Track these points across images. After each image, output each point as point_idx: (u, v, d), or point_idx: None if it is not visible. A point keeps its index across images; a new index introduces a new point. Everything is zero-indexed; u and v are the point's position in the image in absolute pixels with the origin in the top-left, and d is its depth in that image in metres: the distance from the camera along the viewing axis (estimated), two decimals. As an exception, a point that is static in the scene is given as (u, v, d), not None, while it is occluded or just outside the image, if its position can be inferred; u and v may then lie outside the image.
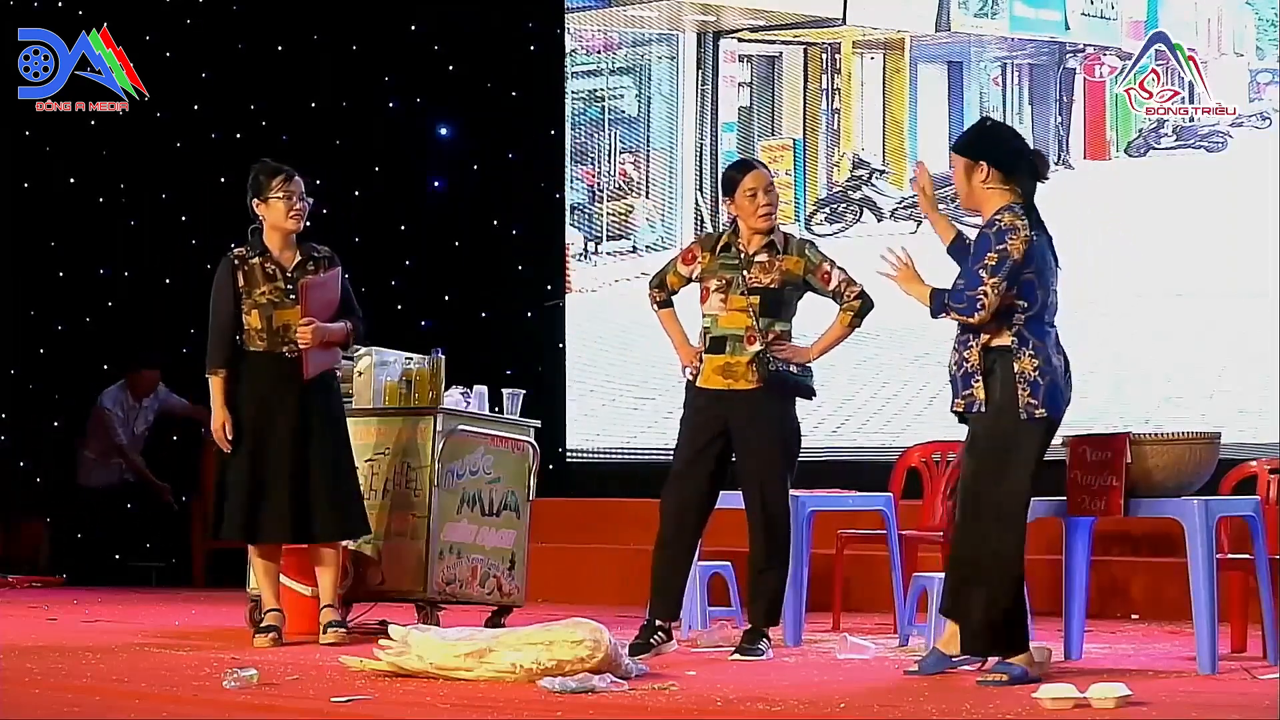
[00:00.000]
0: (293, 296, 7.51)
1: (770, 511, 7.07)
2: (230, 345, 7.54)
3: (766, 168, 7.32)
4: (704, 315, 7.20)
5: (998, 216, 6.22)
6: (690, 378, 7.21)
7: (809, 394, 7.19)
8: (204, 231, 12.33)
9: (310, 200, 7.65)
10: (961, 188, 6.33)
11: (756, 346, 7.05)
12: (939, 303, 6.25)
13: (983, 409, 6.18)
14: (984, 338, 6.20)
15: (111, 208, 12.55)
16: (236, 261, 7.58)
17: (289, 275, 7.55)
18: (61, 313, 12.58)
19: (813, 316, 7.32)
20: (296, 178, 7.60)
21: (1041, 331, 6.21)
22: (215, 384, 7.56)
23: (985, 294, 6.11)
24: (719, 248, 7.20)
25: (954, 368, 6.31)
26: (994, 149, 6.34)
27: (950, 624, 6.39)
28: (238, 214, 12.27)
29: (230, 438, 7.51)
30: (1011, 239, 6.14)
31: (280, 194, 7.55)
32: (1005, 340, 6.19)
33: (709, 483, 7.16)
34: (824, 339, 7.22)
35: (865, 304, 7.17)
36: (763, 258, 7.12)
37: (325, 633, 7.45)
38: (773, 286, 7.09)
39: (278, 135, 12.02)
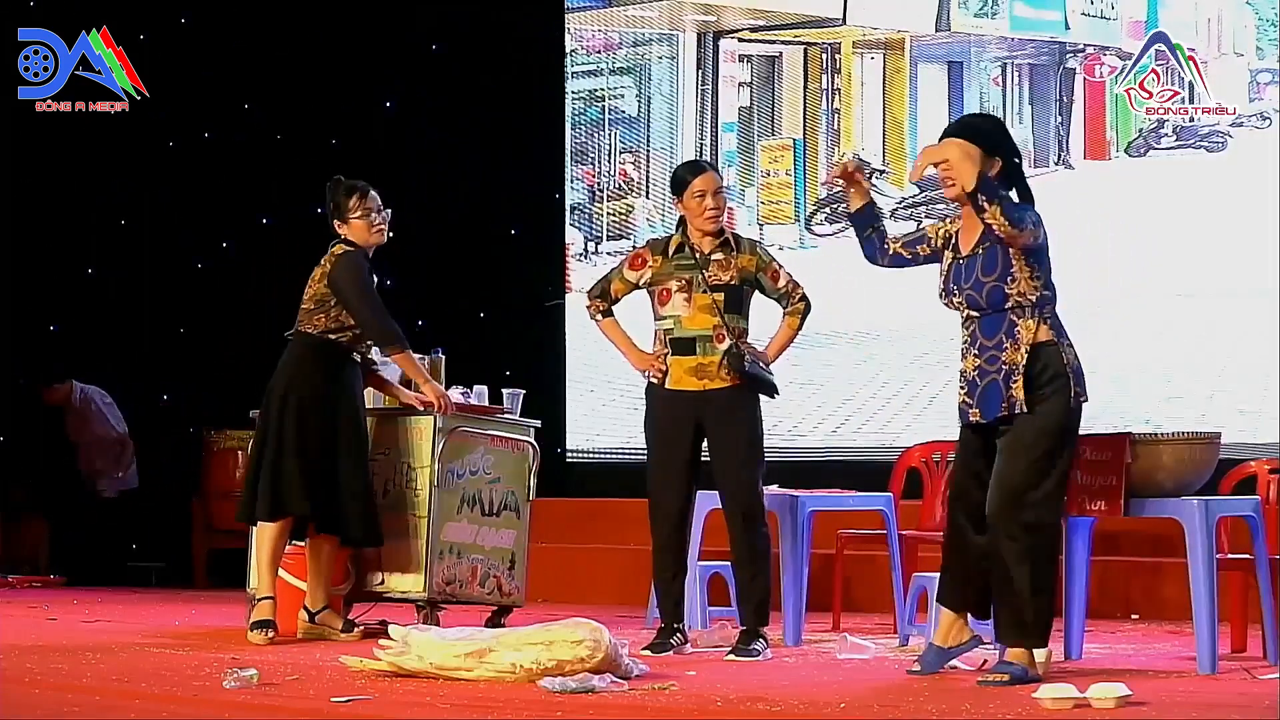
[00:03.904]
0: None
1: (748, 511, 7.09)
2: None
3: (718, 171, 7.31)
4: (663, 318, 7.18)
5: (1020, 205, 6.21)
6: (655, 381, 7.21)
7: (776, 392, 7.19)
8: (196, 232, 12.35)
9: (388, 210, 7.76)
10: (967, 176, 6.13)
11: (726, 344, 7.06)
12: (991, 189, 6.04)
13: (1022, 409, 6.10)
14: (1027, 336, 6.14)
15: (105, 207, 12.55)
16: (368, 255, 7.67)
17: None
18: (57, 313, 12.59)
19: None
20: (371, 192, 7.76)
21: (1059, 320, 6.23)
22: (410, 358, 7.64)
23: (1034, 228, 6.08)
24: (671, 250, 7.21)
25: (978, 374, 6.20)
26: (1008, 148, 6.31)
27: (945, 617, 6.39)
28: (233, 214, 12.30)
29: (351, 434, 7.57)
30: (1041, 226, 6.16)
31: (359, 213, 7.71)
32: (1046, 335, 6.17)
33: (690, 484, 7.19)
34: (776, 341, 7.25)
35: (808, 306, 7.23)
36: (719, 256, 7.13)
37: (351, 630, 7.61)
38: (732, 284, 7.11)
39: (275, 135, 12.02)
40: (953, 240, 6.35)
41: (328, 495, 7.55)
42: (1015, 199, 6.24)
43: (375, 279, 7.73)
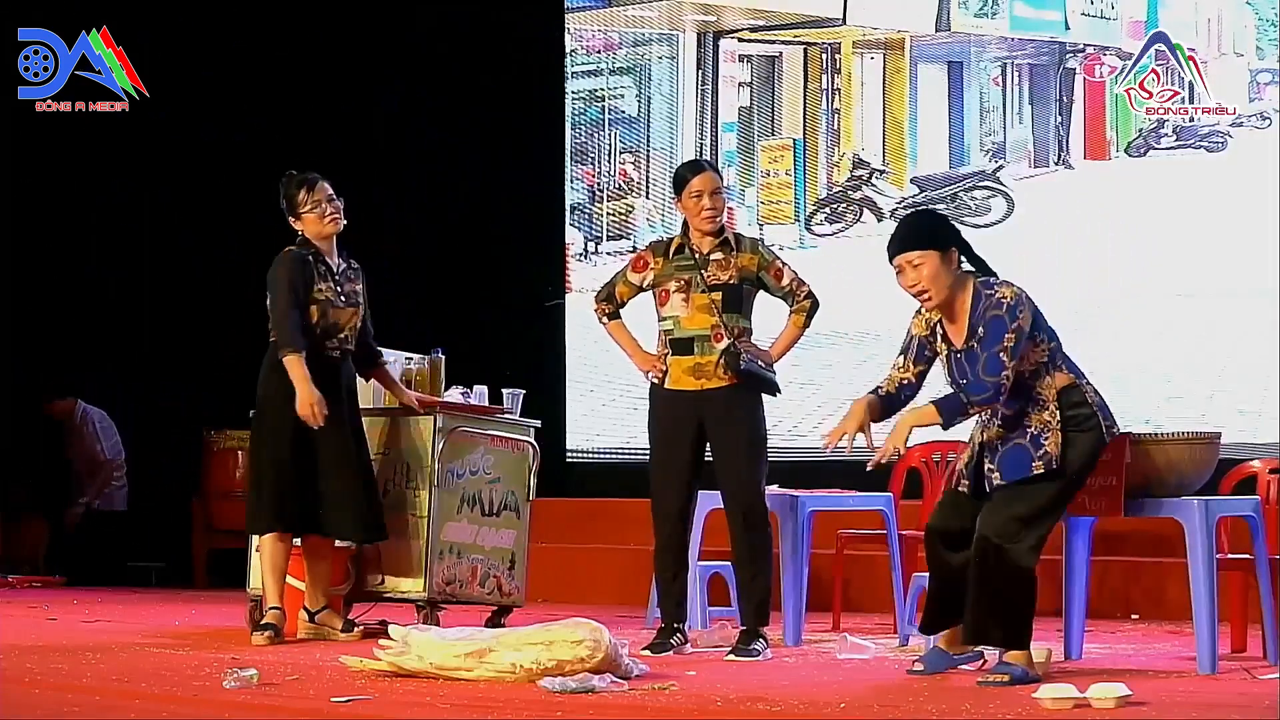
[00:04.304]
0: (343, 299, 7.59)
1: (748, 511, 7.09)
2: (304, 330, 7.53)
3: (717, 171, 7.29)
4: (664, 318, 7.19)
5: (994, 293, 6.13)
6: (656, 381, 7.21)
7: (777, 390, 7.18)
8: (196, 232, 12.34)
9: (340, 199, 7.67)
10: (939, 282, 6.14)
11: (724, 343, 7.05)
12: (954, 407, 6.09)
13: (1056, 463, 6.09)
14: (1050, 393, 6.13)
15: (105, 207, 12.55)
16: (306, 256, 7.59)
17: (337, 278, 7.63)
18: (57, 313, 12.59)
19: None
20: (320, 183, 7.66)
21: (1071, 360, 6.22)
22: (297, 362, 7.46)
23: (1007, 377, 6.05)
24: (672, 251, 7.21)
25: (1000, 441, 6.17)
26: (954, 233, 6.29)
27: (950, 631, 6.38)
28: (230, 214, 12.31)
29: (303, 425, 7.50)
30: (1021, 312, 6.09)
31: (309, 206, 7.64)
32: (1065, 379, 6.15)
33: (690, 483, 7.19)
34: (781, 340, 7.24)
35: (814, 304, 7.21)
36: (717, 256, 7.13)
37: (351, 630, 7.58)
38: (731, 283, 7.10)
39: (275, 135, 12.02)
40: (939, 330, 6.30)
41: (310, 499, 7.53)
42: (972, 268, 6.24)
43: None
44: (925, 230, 6.27)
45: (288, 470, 7.51)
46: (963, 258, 6.23)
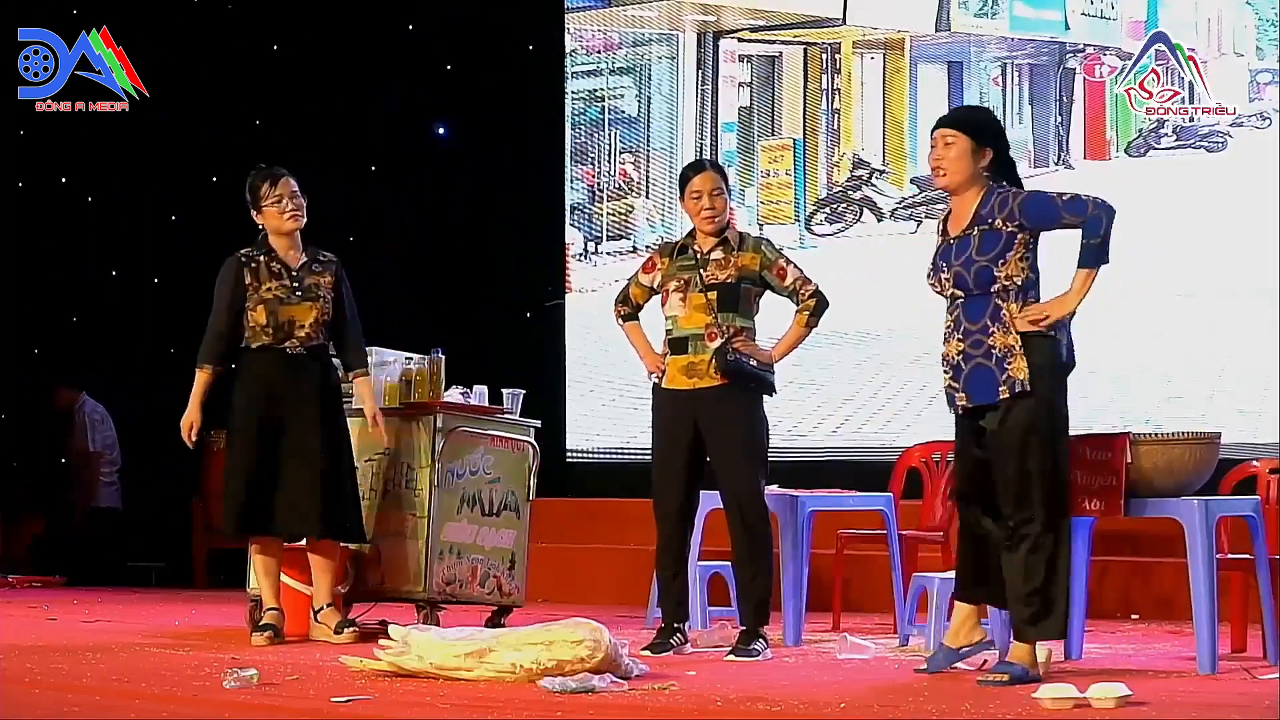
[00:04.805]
0: (299, 294, 7.55)
1: (746, 510, 7.08)
2: (223, 344, 7.56)
3: (720, 171, 7.28)
4: (665, 318, 7.21)
5: (1005, 190, 6.24)
6: (656, 381, 7.22)
7: (770, 389, 7.17)
8: (196, 232, 12.35)
9: (303, 197, 7.65)
10: (958, 165, 6.25)
11: (717, 342, 7.06)
12: (1096, 253, 6.23)
13: (1027, 386, 6.10)
14: (1011, 317, 6.14)
15: (105, 207, 12.56)
16: (243, 259, 7.60)
17: (294, 274, 7.58)
18: (56, 313, 12.59)
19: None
20: (285, 178, 7.63)
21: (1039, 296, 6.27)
22: (200, 379, 7.60)
23: (1089, 195, 6.20)
24: (676, 251, 7.22)
25: (962, 359, 6.20)
26: (998, 136, 6.36)
27: (958, 616, 6.36)
28: (230, 214, 12.31)
29: (216, 429, 7.53)
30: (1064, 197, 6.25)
31: (270, 200, 7.60)
32: None
33: (690, 483, 7.19)
34: (784, 340, 7.22)
35: (820, 302, 7.17)
36: (718, 255, 7.13)
37: (342, 632, 7.51)
38: (729, 282, 7.10)
39: (275, 135, 12.02)
40: (942, 226, 6.40)
41: (282, 501, 7.51)
42: (1008, 186, 6.32)
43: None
44: (973, 119, 6.45)
45: (253, 474, 7.50)
46: (995, 168, 6.29)
